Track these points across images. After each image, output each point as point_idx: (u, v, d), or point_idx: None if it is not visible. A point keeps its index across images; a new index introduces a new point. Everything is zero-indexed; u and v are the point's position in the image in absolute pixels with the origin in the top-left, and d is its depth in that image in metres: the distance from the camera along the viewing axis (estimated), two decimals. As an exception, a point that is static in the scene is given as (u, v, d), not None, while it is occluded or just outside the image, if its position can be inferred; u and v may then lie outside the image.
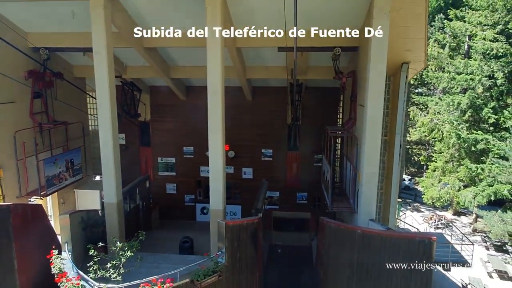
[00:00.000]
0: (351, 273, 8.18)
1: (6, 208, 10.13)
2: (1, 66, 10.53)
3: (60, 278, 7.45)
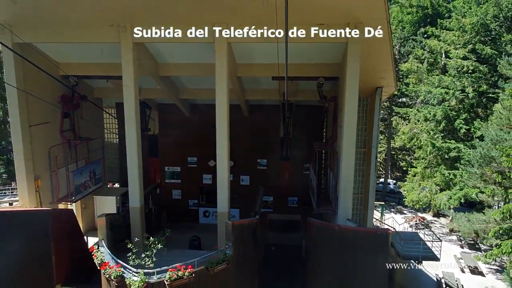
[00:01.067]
0: (332, 261, 10.41)
1: (46, 212, 12.22)
2: (38, 92, 12.57)
3: (104, 266, 9.52)
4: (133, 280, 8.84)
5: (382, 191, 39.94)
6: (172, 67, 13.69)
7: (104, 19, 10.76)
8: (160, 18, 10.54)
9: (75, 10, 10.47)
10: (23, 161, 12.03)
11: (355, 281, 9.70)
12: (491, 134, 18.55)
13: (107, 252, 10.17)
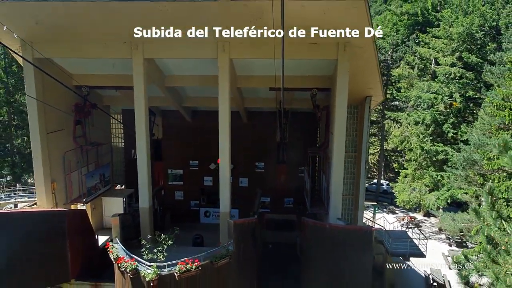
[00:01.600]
0: (324, 255, 11.61)
1: (62, 212, 13.36)
2: (54, 102, 13.66)
3: (120, 261, 10.66)
4: (147, 272, 10.00)
5: (375, 191, 41.31)
6: (177, 78, 14.86)
7: (118, 37, 11.89)
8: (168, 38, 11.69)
9: (92, 30, 11.59)
10: (41, 165, 13.12)
11: (344, 273, 10.92)
12: (474, 139, 19.84)
13: (121, 248, 11.30)
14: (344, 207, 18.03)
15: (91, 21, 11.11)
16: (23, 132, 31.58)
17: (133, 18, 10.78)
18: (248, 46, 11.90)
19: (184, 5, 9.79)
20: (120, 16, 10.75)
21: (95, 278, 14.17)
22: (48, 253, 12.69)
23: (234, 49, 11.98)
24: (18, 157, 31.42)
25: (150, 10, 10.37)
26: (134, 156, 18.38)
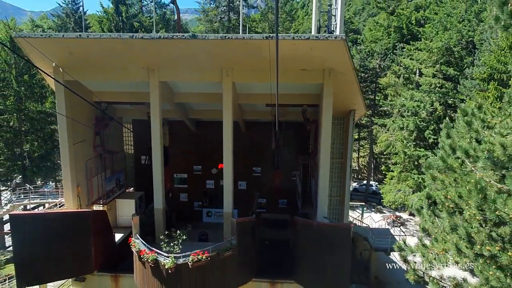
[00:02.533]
0: (311, 248, 13.82)
1: (87, 213, 15.48)
2: (78, 116, 15.73)
3: (142, 253, 12.80)
4: (166, 261, 12.15)
5: (364, 192, 43.76)
6: (185, 95, 17.02)
7: (138, 64, 14.01)
8: (181, 64, 13.87)
9: (117, 58, 13.71)
10: (69, 172, 15.18)
11: (327, 262, 13.14)
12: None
13: (141, 242, 13.43)
14: (332, 207, 20.37)
15: (116, 52, 13.22)
16: (33, 137, 33.46)
17: (153, 51, 12.94)
18: (248, 72, 14.11)
19: (197, 42, 11.93)
20: (142, 49, 12.87)
21: (114, 270, 16.27)
22: (75, 248, 14.74)
23: (236, 74, 14.15)
24: (28, 161, 33.25)
25: (168, 46, 12.52)
26: (144, 162, 20.61)
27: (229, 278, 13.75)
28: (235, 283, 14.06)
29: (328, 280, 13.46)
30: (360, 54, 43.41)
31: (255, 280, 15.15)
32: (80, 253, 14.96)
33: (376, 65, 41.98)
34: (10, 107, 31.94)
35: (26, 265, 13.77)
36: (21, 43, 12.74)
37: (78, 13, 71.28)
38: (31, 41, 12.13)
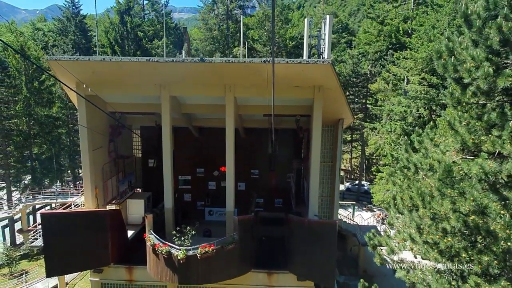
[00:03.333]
0: (303, 243, 15.85)
1: (104, 212, 17.40)
2: (96, 126, 17.68)
3: (157, 246, 14.78)
4: (178, 253, 14.15)
5: (356, 191, 45.95)
6: (192, 106, 19.01)
7: (151, 81, 15.97)
8: (189, 82, 15.87)
9: (134, 77, 15.67)
10: (89, 175, 17.11)
11: (317, 255, 15.19)
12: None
13: (156, 237, 15.40)
14: (323, 206, 22.49)
15: (133, 71, 15.17)
16: (41, 140, 35.29)
17: (165, 71, 14.92)
18: (248, 88, 16.14)
19: (206, 65, 13.92)
20: (156, 69, 14.83)
21: (128, 263, 18.22)
22: (95, 243, 16.67)
23: (237, 89, 16.16)
24: (38, 163, 35.07)
25: (179, 67, 14.50)
26: (153, 165, 22.57)
27: (232, 268, 15.75)
28: (237, 273, 16.07)
29: (318, 269, 15.51)
30: (352, 59, 45.59)
31: (254, 271, 17.14)
32: (99, 247, 16.86)
33: (367, 70, 44.16)
34: (20, 112, 33.74)
35: (53, 257, 15.68)
36: (51, 63, 14.66)
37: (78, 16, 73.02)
38: (61, 63, 14.05)
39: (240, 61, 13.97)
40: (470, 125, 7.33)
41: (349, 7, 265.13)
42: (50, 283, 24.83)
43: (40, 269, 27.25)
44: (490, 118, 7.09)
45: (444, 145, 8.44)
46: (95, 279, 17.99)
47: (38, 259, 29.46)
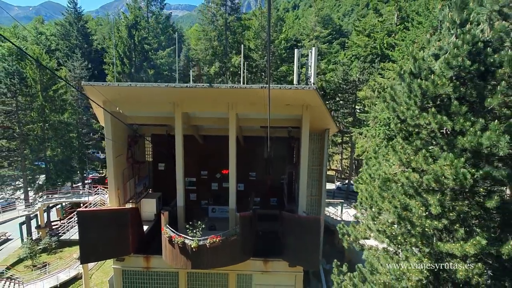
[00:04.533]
0: (294, 236, 19.14)
1: (126, 210, 20.58)
2: (118, 137, 20.79)
3: (174, 237, 17.99)
4: (191, 243, 17.38)
5: (345, 190, 49.35)
6: (199, 119, 22.20)
7: (166, 100, 19.16)
8: (198, 101, 19.06)
9: (152, 97, 18.83)
10: (113, 178, 20.25)
11: (305, 244, 18.49)
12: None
13: (171, 230, 18.60)
14: (312, 204, 25.80)
15: (153, 93, 18.33)
16: (55, 144, 38.24)
17: (179, 93, 18.10)
18: (248, 105, 19.34)
19: (213, 90, 17.12)
20: (172, 92, 18.01)
21: (144, 253, 21.40)
22: (118, 236, 19.83)
23: (239, 107, 19.37)
24: (52, 165, 38.04)
25: (191, 91, 17.68)
26: (163, 168, 25.76)
27: (234, 256, 19.01)
28: (238, 260, 19.34)
29: (305, 257, 18.82)
30: (343, 66, 48.92)
31: (252, 258, 20.42)
32: (121, 239, 20.05)
33: (356, 78, 47.52)
34: (35, 118, 36.69)
35: (86, 247, 18.84)
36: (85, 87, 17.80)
37: (80, 21, 75.62)
38: (95, 87, 17.20)
39: (241, 86, 17.21)
40: (404, 148, 10.60)
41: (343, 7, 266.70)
42: (71, 273, 27.99)
43: (60, 261, 30.40)
44: (416, 144, 10.38)
45: (392, 160, 11.72)
46: (117, 266, 21.21)
47: (56, 252, 32.56)
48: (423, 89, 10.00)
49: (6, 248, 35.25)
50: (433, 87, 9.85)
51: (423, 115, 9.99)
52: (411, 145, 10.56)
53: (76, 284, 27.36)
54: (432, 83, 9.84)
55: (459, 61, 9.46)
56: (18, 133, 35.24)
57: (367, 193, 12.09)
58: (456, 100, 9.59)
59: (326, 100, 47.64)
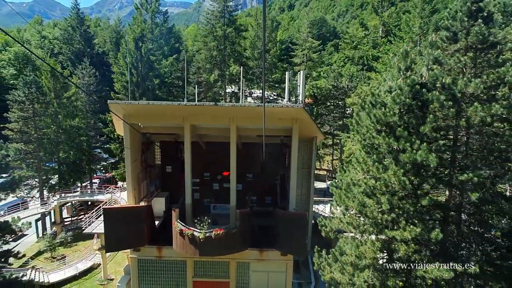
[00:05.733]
0: (285, 229, 22.72)
1: (143, 207, 24.05)
2: (134, 144, 24.19)
3: (184, 230, 21.50)
4: (199, 234, 20.91)
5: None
6: (204, 129, 25.67)
7: (177, 114, 22.61)
8: (205, 115, 22.57)
9: (165, 111, 22.28)
10: (130, 180, 23.67)
11: (294, 236, 22.09)
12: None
13: (182, 224, 22.10)
14: (301, 202, 29.41)
15: (167, 109, 21.79)
16: (67, 147, 41.51)
17: (189, 109, 21.59)
18: (246, 119, 22.86)
19: (217, 108, 20.62)
20: (183, 109, 21.49)
21: (157, 244, 24.87)
22: (136, 229, 23.28)
23: (238, 120, 22.86)
24: (65, 166, 41.34)
25: (198, 108, 21.15)
26: (171, 171, 29.23)
27: (235, 246, 22.53)
28: (238, 249, 22.85)
29: (294, 246, 22.41)
30: (333, 73, 52.58)
31: (250, 249, 23.95)
32: (138, 232, 23.51)
33: (345, 85, 51.20)
34: (49, 123, 39.94)
35: (111, 238, 22.28)
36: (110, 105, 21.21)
37: (83, 26, 78.57)
38: (120, 105, 20.64)
39: (241, 105, 20.77)
40: (365, 160, 14.17)
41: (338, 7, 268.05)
42: (87, 263, 31.42)
43: (76, 254, 33.81)
44: (373, 158, 13.96)
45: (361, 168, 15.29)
46: (134, 256, 24.68)
47: (71, 246, 35.96)
48: (377, 117, 13.61)
49: (23, 242, 38.56)
50: (384, 116, 13.47)
51: (377, 137, 13.60)
52: (370, 158, 14.16)
53: (93, 273, 30.82)
54: (383, 114, 13.46)
55: (402, 99, 13.07)
56: (34, 137, 38.48)
57: (337, 194, 15.69)
58: (399, 126, 13.22)
59: (317, 105, 51.29)
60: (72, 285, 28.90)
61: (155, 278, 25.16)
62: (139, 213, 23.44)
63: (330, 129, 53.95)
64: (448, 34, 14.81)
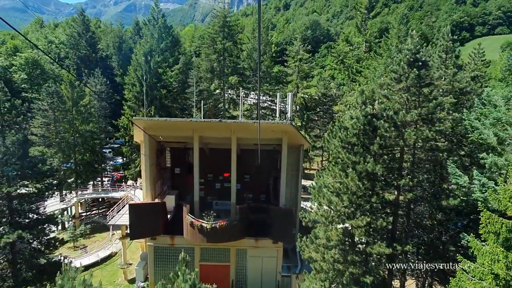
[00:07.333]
0: (276, 221, 27.83)
1: (160, 203, 29.09)
2: (151, 150, 29.13)
3: (195, 222, 26.54)
4: (206, 225, 25.98)
5: (324, 188, 58.05)
6: (209, 138, 30.69)
7: (187, 127, 27.63)
8: (211, 129, 27.59)
9: (178, 126, 27.27)
10: (148, 181, 28.67)
11: (283, 227, 27.24)
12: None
13: (192, 217, 27.13)
14: (291, 199, 34.56)
15: (180, 124, 26.77)
16: (83, 149, 46.31)
17: (198, 124, 26.60)
18: (244, 131, 27.94)
19: (221, 124, 25.64)
20: (193, 124, 26.49)
21: (170, 233, 29.88)
22: (153, 221, 28.30)
23: (238, 132, 27.90)
24: (82, 167, 46.19)
25: (206, 123, 26.16)
26: (179, 172, 34.27)
27: (235, 235, 27.61)
28: (238, 238, 27.92)
29: (284, 235, 27.59)
30: (324, 81, 57.70)
31: (247, 238, 29.07)
32: (155, 224, 28.52)
33: (334, 93, 56.36)
34: (67, 128, 44.74)
35: (134, 228, 27.28)
36: (134, 120, 26.15)
37: (89, 32, 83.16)
38: (144, 121, 25.60)
39: (240, 121, 25.79)
40: (333, 169, 19.28)
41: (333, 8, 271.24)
42: (106, 252, 36.41)
43: (95, 244, 38.77)
44: (339, 168, 19.09)
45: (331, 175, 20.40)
46: (150, 243, 29.73)
47: (89, 237, 40.91)
48: (341, 138, 18.79)
49: (45, 235, 43.38)
50: (346, 137, 18.64)
51: (341, 152, 18.78)
52: (337, 167, 19.33)
53: (112, 259, 35.86)
54: (346, 135, 18.63)
55: (358, 125, 18.24)
56: (55, 141, 43.28)
57: (313, 194, 20.84)
58: (357, 145, 18.40)
59: (307, 111, 56.40)
60: (96, 269, 33.94)
61: (168, 263, 30.25)
62: (157, 208, 28.46)
63: (319, 133, 59.05)
64: (395, 75, 19.98)
